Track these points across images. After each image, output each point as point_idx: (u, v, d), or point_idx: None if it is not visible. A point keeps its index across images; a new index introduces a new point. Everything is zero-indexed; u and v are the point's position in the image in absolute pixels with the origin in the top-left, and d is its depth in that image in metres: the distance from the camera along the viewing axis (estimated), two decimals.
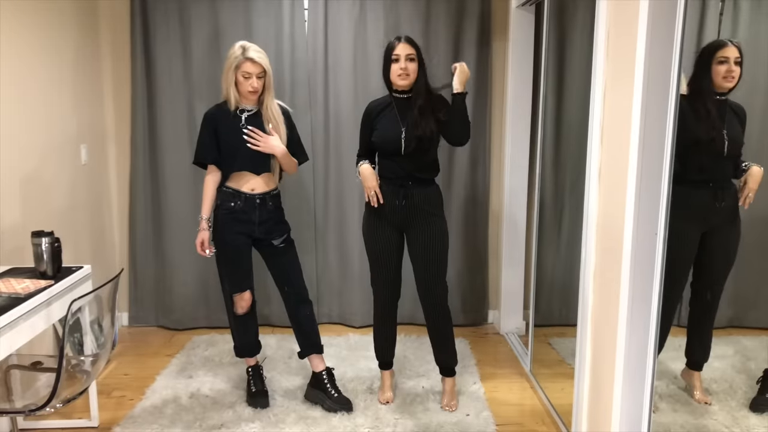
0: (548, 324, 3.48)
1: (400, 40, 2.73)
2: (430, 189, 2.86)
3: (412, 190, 2.81)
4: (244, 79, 2.74)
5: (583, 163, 2.45)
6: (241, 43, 2.75)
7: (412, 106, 2.75)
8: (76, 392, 2.27)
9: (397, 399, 3.06)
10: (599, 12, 2.27)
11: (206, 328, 4.03)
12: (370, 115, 2.88)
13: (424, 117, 2.73)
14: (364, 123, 2.91)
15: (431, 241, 2.84)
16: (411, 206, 2.82)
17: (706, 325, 2.50)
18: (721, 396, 2.48)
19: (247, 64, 2.71)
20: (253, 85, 2.74)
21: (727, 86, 2.28)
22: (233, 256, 2.88)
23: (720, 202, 2.38)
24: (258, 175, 2.86)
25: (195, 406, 2.99)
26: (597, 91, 2.31)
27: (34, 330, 2.32)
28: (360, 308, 4.05)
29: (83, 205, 3.60)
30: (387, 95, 2.87)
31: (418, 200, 2.82)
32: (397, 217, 2.84)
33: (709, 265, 2.46)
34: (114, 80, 3.89)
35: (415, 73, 2.74)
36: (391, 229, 2.88)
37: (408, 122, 2.75)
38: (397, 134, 2.76)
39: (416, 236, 2.85)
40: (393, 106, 2.81)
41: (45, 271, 2.55)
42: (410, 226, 2.86)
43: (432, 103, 2.78)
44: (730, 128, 2.30)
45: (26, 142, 3.00)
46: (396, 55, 2.72)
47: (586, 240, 2.42)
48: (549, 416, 2.95)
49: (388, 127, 2.79)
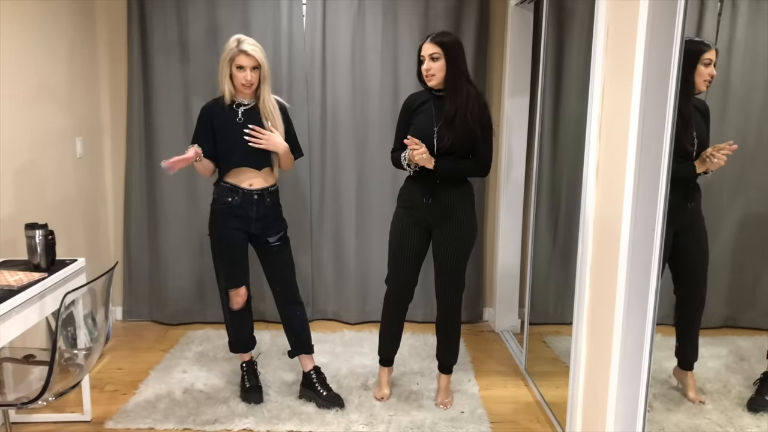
0: (543, 322, 3.48)
1: (427, 39, 2.68)
2: (460, 188, 2.80)
3: (440, 190, 2.77)
4: (238, 72, 2.73)
5: (580, 160, 2.45)
6: (237, 36, 2.74)
7: (447, 106, 2.69)
8: (69, 386, 2.25)
9: (392, 396, 3.06)
10: (598, 10, 2.27)
11: (201, 323, 4.02)
12: (409, 109, 2.82)
13: (459, 118, 2.66)
14: (402, 116, 2.84)
15: (454, 241, 2.81)
16: (438, 206, 2.78)
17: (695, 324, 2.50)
18: (715, 396, 2.48)
19: (241, 57, 2.70)
20: (246, 78, 2.73)
21: (702, 89, 2.28)
22: (229, 252, 2.87)
23: (690, 202, 2.40)
24: (259, 170, 2.85)
25: (189, 401, 2.97)
26: (596, 89, 2.30)
27: (27, 323, 2.30)
28: (355, 305, 4.04)
29: (78, 198, 3.58)
30: (427, 89, 2.80)
31: (446, 200, 2.78)
32: (424, 215, 2.81)
33: (688, 266, 2.47)
34: (110, 74, 3.87)
35: (442, 71, 2.67)
36: (417, 228, 2.84)
37: (441, 122, 2.70)
38: (429, 132, 2.70)
39: (440, 236, 2.83)
40: (431, 103, 2.75)
41: (38, 263, 2.54)
42: (437, 225, 2.83)
43: (469, 103, 2.68)
44: (698, 128, 2.31)
45: (21, 135, 2.98)
46: (422, 55, 2.69)
47: (583, 237, 2.42)
48: (543, 414, 2.95)
49: (423, 123, 2.74)
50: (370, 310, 4.04)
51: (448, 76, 2.68)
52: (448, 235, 2.82)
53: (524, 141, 3.81)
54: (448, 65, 2.67)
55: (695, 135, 2.28)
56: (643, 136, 1.96)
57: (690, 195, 2.40)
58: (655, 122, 1.93)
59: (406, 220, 2.85)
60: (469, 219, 2.84)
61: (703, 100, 2.31)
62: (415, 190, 2.81)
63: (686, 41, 2.25)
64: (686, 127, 2.27)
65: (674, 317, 2.52)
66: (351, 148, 3.90)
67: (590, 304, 2.38)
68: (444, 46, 2.66)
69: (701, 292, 2.46)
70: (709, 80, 2.27)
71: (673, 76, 1.87)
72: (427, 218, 2.83)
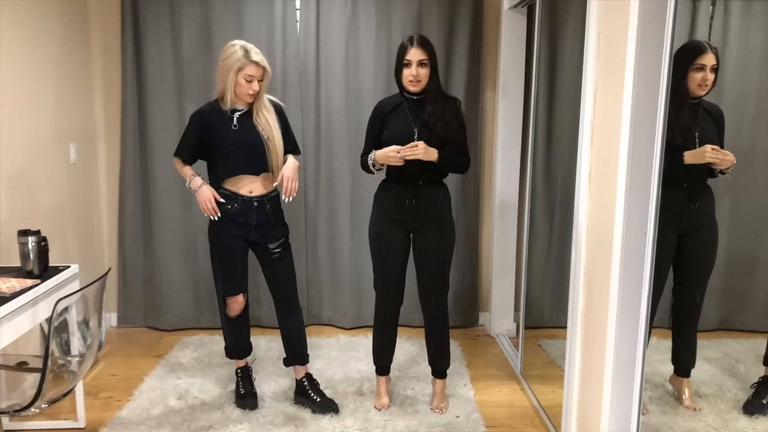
0: (539, 326, 3.47)
1: (412, 43, 2.64)
2: (439, 189, 2.83)
3: (422, 191, 2.78)
4: (245, 83, 2.68)
5: (573, 165, 2.45)
6: (242, 44, 2.68)
7: (424, 108, 2.71)
8: (62, 393, 2.25)
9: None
10: (590, 14, 2.28)
11: (195, 329, 4.01)
12: (380, 114, 2.82)
13: (438, 120, 2.69)
14: (373, 122, 2.85)
15: (438, 243, 2.82)
16: (420, 207, 2.79)
17: (691, 330, 2.50)
18: (710, 399, 2.48)
19: (251, 67, 2.66)
20: (254, 88, 2.70)
21: (700, 94, 2.27)
22: (227, 260, 2.85)
23: (694, 204, 2.39)
24: (257, 176, 2.83)
25: (183, 408, 2.96)
26: (588, 94, 2.31)
27: (19, 330, 2.29)
28: (350, 309, 4.03)
29: (72, 204, 3.57)
30: (397, 94, 2.82)
31: (427, 201, 2.80)
32: (406, 217, 2.81)
33: (689, 269, 2.47)
34: (104, 79, 3.87)
35: (427, 77, 2.67)
36: (398, 231, 2.84)
37: (420, 124, 2.71)
38: (410, 135, 2.71)
39: (423, 237, 2.83)
40: (405, 107, 2.76)
41: (31, 270, 2.53)
42: (418, 227, 2.83)
43: (444, 105, 2.72)
44: (703, 131, 2.29)
45: (13, 141, 2.97)
46: (407, 59, 2.65)
47: (577, 242, 2.42)
48: (539, 418, 2.94)
49: (400, 127, 2.74)
50: (365, 315, 4.04)
51: (432, 83, 2.70)
52: (433, 239, 2.82)
53: (518, 145, 3.81)
54: (432, 71, 2.69)
55: (697, 137, 2.28)
56: (635, 141, 1.96)
57: (694, 197, 2.39)
58: (646, 128, 1.93)
59: (387, 224, 2.84)
60: (450, 220, 2.88)
61: (715, 104, 2.31)
62: (397, 193, 2.80)
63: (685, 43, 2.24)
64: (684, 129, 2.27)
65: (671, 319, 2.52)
66: (345, 151, 3.90)
67: (584, 308, 2.39)
68: (431, 52, 2.67)
69: (696, 298, 2.46)
70: (705, 86, 2.26)
71: (663, 82, 1.87)
72: (410, 220, 2.82)
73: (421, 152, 2.62)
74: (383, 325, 2.97)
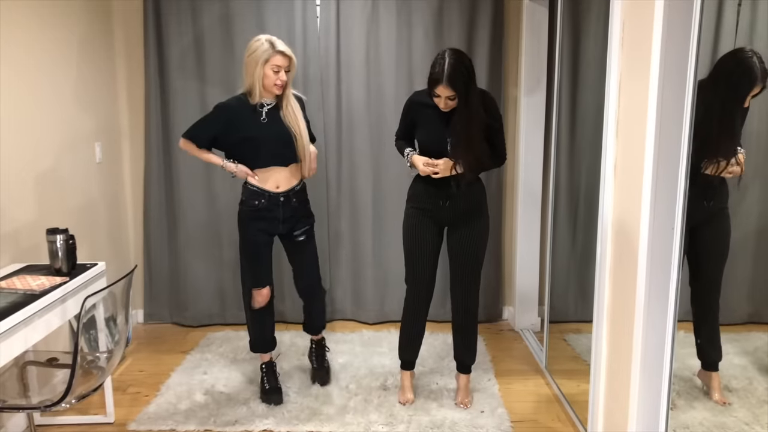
0: (563, 320, 3.45)
1: (442, 78, 2.53)
2: (473, 187, 2.81)
3: (456, 190, 2.77)
4: (273, 73, 2.74)
5: (598, 158, 2.42)
6: (266, 37, 2.75)
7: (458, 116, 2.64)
8: (91, 388, 2.28)
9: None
10: (614, 3, 2.24)
11: (221, 324, 4.05)
12: (412, 108, 2.82)
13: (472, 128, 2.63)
14: (406, 112, 2.87)
15: (472, 239, 2.82)
16: (454, 206, 2.79)
17: (711, 322, 2.46)
18: (740, 393, 2.44)
19: (278, 57, 2.72)
20: (282, 78, 2.75)
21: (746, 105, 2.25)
22: (253, 253, 2.91)
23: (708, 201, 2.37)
24: (286, 166, 2.87)
25: (209, 403, 3.00)
26: (612, 85, 2.27)
27: (49, 326, 2.34)
28: (373, 305, 4.04)
29: (98, 202, 3.62)
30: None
31: (462, 199, 2.78)
32: (441, 215, 2.82)
33: (703, 261, 2.44)
34: (128, 78, 3.91)
35: (456, 103, 2.62)
36: (432, 227, 2.84)
37: (452, 130, 2.68)
38: (442, 139, 2.70)
39: (457, 234, 2.83)
40: (437, 109, 2.70)
41: (60, 268, 2.57)
42: (453, 224, 2.84)
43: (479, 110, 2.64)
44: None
45: (41, 141, 3.03)
46: (437, 93, 2.60)
47: (602, 235, 2.39)
48: (565, 413, 2.92)
49: (432, 130, 2.73)
50: (389, 311, 4.04)
51: (461, 102, 2.61)
52: (466, 236, 2.81)
53: (541, 139, 3.77)
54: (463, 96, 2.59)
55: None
56: (661, 132, 1.93)
57: (709, 194, 2.36)
58: (674, 118, 1.89)
59: (421, 219, 2.83)
60: (485, 217, 2.85)
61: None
62: (431, 193, 2.80)
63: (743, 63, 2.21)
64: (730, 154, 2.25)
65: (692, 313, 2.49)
66: (367, 147, 3.90)
67: (610, 302, 2.36)
68: (460, 88, 2.56)
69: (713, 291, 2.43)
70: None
71: (691, 70, 1.83)
72: (444, 217, 2.82)
73: (439, 173, 2.68)
74: (412, 320, 2.97)
